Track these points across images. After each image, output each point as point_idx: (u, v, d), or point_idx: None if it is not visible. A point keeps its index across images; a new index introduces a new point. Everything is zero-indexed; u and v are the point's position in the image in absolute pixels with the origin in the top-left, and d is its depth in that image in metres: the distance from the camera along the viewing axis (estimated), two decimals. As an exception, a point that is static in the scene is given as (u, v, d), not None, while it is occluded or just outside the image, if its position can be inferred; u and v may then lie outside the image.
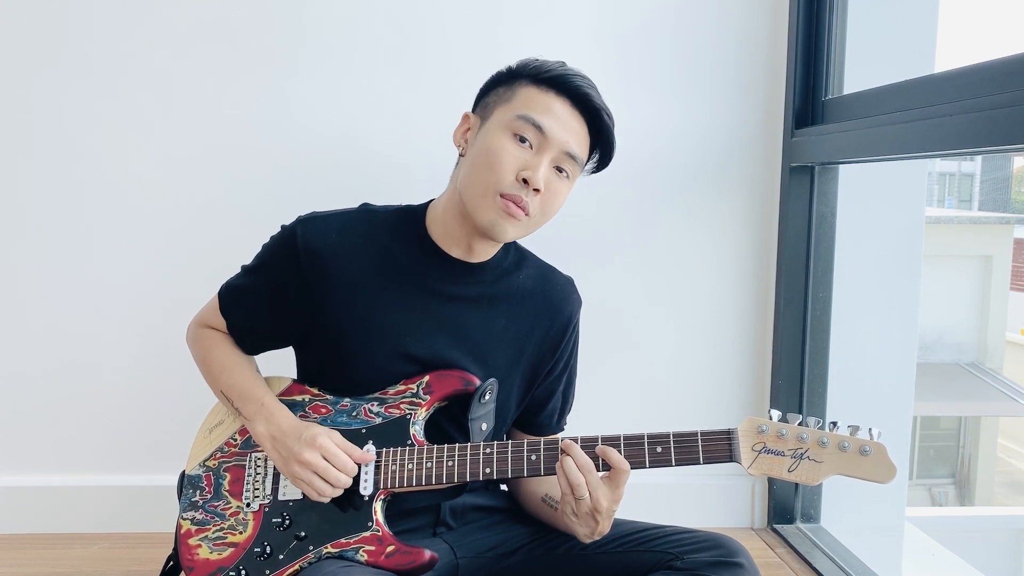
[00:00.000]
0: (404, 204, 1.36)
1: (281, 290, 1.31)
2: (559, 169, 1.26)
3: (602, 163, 1.35)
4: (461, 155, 1.31)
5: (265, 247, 1.36)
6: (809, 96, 2.02)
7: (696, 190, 2.12)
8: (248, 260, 1.38)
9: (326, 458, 1.22)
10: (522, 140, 1.23)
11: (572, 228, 2.06)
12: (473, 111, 1.33)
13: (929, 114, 1.59)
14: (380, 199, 1.41)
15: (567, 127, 1.25)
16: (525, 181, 1.22)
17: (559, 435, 1.43)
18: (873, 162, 2.00)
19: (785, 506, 2.14)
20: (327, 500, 1.24)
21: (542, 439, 1.23)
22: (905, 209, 2.14)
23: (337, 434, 1.26)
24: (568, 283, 1.42)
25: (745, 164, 2.11)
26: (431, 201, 1.35)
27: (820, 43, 2.00)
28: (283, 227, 1.33)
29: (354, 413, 1.29)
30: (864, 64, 1.99)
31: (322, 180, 2.01)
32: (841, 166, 2.04)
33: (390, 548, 1.22)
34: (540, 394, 1.41)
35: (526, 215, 1.24)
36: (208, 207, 2.02)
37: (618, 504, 1.21)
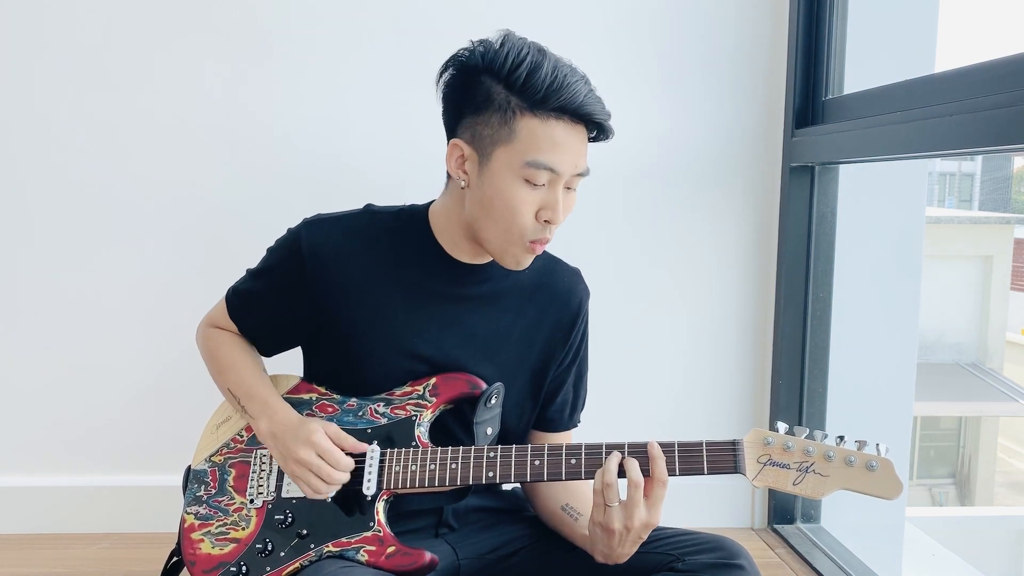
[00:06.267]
0: (406, 205, 1.36)
1: (288, 293, 1.31)
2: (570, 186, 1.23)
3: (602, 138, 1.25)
4: (463, 187, 1.24)
5: (270, 250, 1.35)
6: (809, 96, 2.02)
7: (696, 190, 2.12)
8: (253, 260, 1.38)
9: (321, 455, 1.21)
10: (535, 182, 1.19)
11: (571, 228, 2.05)
12: (454, 132, 1.24)
13: (929, 114, 1.59)
14: (383, 198, 1.40)
15: (575, 151, 1.19)
16: (547, 220, 1.20)
17: (568, 437, 1.44)
18: (873, 162, 2.00)
19: (785, 506, 2.14)
20: (325, 498, 1.24)
21: (546, 445, 1.23)
22: (905, 209, 2.14)
23: (334, 427, 1.25)
24: (574, 274, 1.41)
25: (745, 164, 2.11)
26: (432, 203, 1.34)
27: (820, 43, 2.00)
28: (289, 230, 1.33)
29: (360, 413, 1.29)
30: (864, 64, 1.99)
31: (327, 179, 2.01)
32: (841, 166, 2.04)
33: (390, 549, 1.22)
34: (550, 388, 1.39)
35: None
36: (212, 207, 2.02)
37: (647, 531, 1.18)
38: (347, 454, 1.24)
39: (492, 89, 1.18)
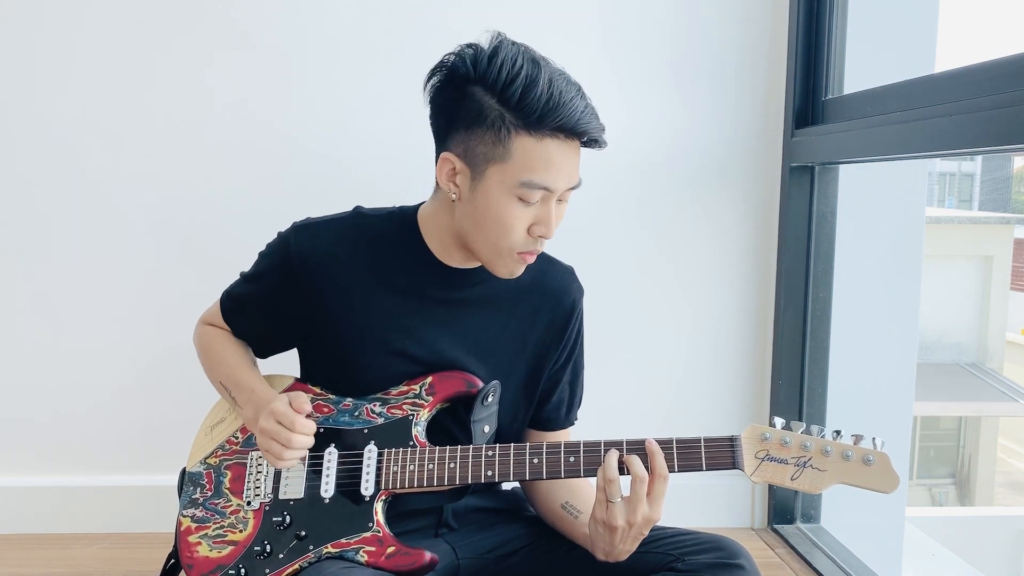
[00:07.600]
0: (396, 207, 1.35)
1: (278, 298, 1.31)
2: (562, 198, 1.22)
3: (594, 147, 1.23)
4: (454, 200, 1.22)
5: (261, 255, 1.35)
6: (809, 96, 2.02)
7: (696, 190, 2.12)
8: (250, 259, 1.38)
9: (279, 420, 1.21)
10: (529, 200, 1.18)
11: (570, 228, 2.05)
12: (444, 143, 1.21)
13: (929, 114, 1.59)
14: (384, 200, 1.40)
15: (569, 167, 1.18)
16: (540, 235, 1.20)
17: (565, 435, 1.43)
18: (873, 162, 2.00)
19: (785, 506, 2.14)
20: (286, 466, 1.23)
21: (544, 443, 1.23)
22: (905, 209, 2.14)
23: (300, 396, 1.24)
24: (568, 272, 1.41)
25: (745, 164, 2.11)
26: (421, 204, 1.33)
27: (820, 43, 2.00)
28: (279, 234, 1.33)
29: (356, 413, 1.29)
30: (864, 64, 1.99)
31: (322, 178, 2.01)
32: (841, 166, 2.04)
33: (390, 549, 1.22)
34: (546, 387, 1.39)
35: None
36: (208, 207, 2.02)
37: (648, 527, 1.18)
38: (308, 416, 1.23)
39: (484, 103, 1.15)
